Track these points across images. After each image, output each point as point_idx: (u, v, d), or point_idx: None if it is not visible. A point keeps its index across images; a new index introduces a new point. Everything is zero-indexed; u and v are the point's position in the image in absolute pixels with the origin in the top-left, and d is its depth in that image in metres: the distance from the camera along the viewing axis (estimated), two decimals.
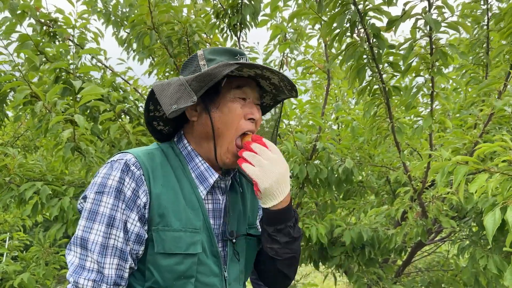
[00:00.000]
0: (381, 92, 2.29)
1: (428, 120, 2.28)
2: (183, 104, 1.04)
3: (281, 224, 1.12)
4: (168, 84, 1.08)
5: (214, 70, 1.02)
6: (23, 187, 2.34)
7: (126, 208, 1.00)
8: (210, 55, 1.14)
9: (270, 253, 1.16)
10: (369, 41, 2.05)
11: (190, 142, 1.16)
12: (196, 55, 1.15)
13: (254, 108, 1.14)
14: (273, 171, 1.06)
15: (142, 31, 2.49)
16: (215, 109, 1.10)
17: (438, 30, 1.92)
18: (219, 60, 1.11)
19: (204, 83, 1.04)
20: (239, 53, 1.15)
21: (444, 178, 1.61)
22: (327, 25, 2.04)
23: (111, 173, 1.02)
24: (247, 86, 1.13)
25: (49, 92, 2.08)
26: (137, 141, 2.49)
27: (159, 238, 1.02)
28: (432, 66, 2.14)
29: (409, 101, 2.31)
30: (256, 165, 1.06)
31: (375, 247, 2.88)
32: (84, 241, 0.98)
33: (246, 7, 2.77)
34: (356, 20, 1.98)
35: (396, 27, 1.96)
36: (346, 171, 2.80)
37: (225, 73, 1.02)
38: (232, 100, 1.10)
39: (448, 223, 2.36)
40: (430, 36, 2.06)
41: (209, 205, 1.14)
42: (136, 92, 2.95)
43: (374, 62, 2.13)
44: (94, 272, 0.97)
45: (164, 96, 1.07)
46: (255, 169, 1.06)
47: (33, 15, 2.50)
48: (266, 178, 1.05)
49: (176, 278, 1.03)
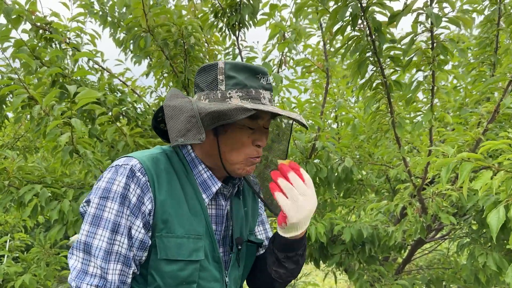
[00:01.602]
0: (382, 86, 2.29)
1: (428, 114, 2.27)
2: (190, 140, 1.02)
3: (292, 252, 1.14)
4: (180, 111, 1.05)
5: (229, 112, 1.01)
6: (23, 190, 2.34)
7: (131, 215, 1.00)
8: (230, 71, 1.09)
9: (273, 275, 1.18)
10: (370, 35, 2.04)
11: (195, 149, 1.15)
12: (216, 65, 1.11)
13: (263, 136, 1.13)
14: (305, 209, 1.04)
15: (137, 34, 2.48)
16: (223, 133, 1.09)
17: (439, 24, 1.91)
18: (238, 79, 1.08)
19: (217, 120, 1.03)
20: (261, 72, 1.12)
21: (449, 175, 1.61)
22: (330, 18, 2.04)
23: (116, 178, 1.01)
24: (260, 118, 1.11)
25: (46, 97, 2.08)
26: (134, 143, 2.49)
27: (163, 244, 1.02)
28: (433, 60, 2.13)
29: (409, 96, 2.31)
30: (290, 199, 1.04)
31: (375, 245, 2.88)
32: (88, 246, 0.98)
33: (245, 6, 2.75)
34: (357, 14, 1.98)
35: (397, 21, 1.96)
36: (346, 170, 2.80)
37: (240, 118, 1.01)
38: (241, 128, 1.09)
39: (447, 219, 2.35)
40: (431, 31, 2.05)
41: (212, 210, 1.14)
42: (134, 94, 2.95)
43: (375, 56, 2.12)
44: (97, 278, 0.97)
45: (173, 123, 1.05)
46: (288, 203, 1.04)
47: (29, 19, 2.49)
48: (297, 214, 1.04)
49: (178, 283, 1.03)
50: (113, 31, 3.18)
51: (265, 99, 1.09)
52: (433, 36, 2.08)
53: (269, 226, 1.39)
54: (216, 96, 1.08)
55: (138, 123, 2.70)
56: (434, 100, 2.32)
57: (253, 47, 3.05)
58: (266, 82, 1.11)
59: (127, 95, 2.88)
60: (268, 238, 1.36)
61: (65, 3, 2.87)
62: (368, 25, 2.01)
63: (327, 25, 2.19)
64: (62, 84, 2.53)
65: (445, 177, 1.61)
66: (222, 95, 1.07)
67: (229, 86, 1.07)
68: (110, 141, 2.37)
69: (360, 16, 1.99)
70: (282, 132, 1.32)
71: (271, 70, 3.08)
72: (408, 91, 2.27)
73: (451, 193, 2.28)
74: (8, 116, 3.34)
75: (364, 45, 2.10)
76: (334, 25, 2.05)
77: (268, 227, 1.38)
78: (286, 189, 1.04)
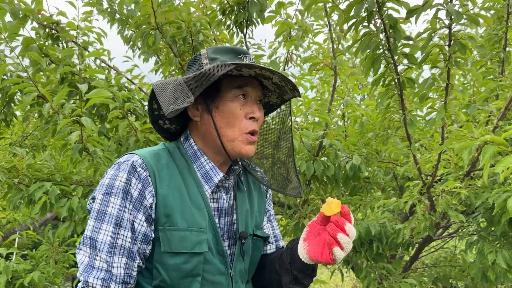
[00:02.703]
0: (395, 83, 2.28)
1: (442, 112, 2.26)
2: (180, 104, 1.04)
3: (311, 270, 1.15)
4: (167, 84, 1.09)
5: (210, 70, 1.03)
6: (32, 187, 2.35)
7: (133, 209, 1.02)
8: (213, 54, 1.14)
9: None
10: (385, 31, 2.04)
11: (197, 141, 1.17)
12: (200, 54, 1.16)
13: (255, 106, 1.14)
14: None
15: (146, 32, 2.49)
16: (216, 108, 1.11)
17: (459, 20, 1.90)
18: (221, 59, 1.12)
19: (201, 82, 1.05)
20: (242, 52, 1.15)
21: (471, 157, 1.60)
22: (345, 13, 2.03)
23: (118, 174, 1.04)
24: (248, 86, 1.13)
25: (56, 95, 2.09)
26: (145, 138, 2.49)
27: (166, 237, 1.04)
28: (450, 57, 2.12)
29: (423, 92, 2.30)
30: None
31: (383, 242, 2.87)
32: (93, 241, 1.01)
33: (253, 4, 2.75)
34: (373, 10, 1.97)
35: (417, 16, 1.95)
36: (354, 167, 2.79)
37: (222, 73, 1.02)
38: (231, 100, 1.11)
39: (456, 217, 2.35)
40: (450, 27, 2.04)
41: (214, 204, 1.15)
42: (141, 92, 2.95)
43: (389, 53, 2.12)
44: (103, 271, 1.00)
45: (163, 96, 1.08)
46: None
47: (35, 18, 2.50)
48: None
49: (183, 276, 1.05)
50: (121, 28, 3.19)
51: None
52: (451, 33, 2.06)
53: (277, 224, 1.40)
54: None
55: (146, 120, 2.71)
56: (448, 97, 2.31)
57: (261, 45, 3.05)
58: (249, 61, 1.13)
59: (134, 92, 2.89)
60: (275, 235, 1.36)
61: (71, 2, 2.88)
62: (383, 21, 2.00)
63: (338, 21, 2.18)
64: (70, 82, 2.54)
65: (467, 159, 1.61)
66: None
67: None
68: (121, 136, 2.38)
69: (376, 12, 1.98)
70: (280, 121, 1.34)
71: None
72: (423, 88, 2.26)
73: (460, 191, 2.28)
74: (16, 115, 3.36)
75: (378, 42, 2.08)
76: (347, 21, 2.04)
77: (275, 224, 1.39)
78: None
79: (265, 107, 1.30)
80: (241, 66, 1.06)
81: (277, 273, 1.21)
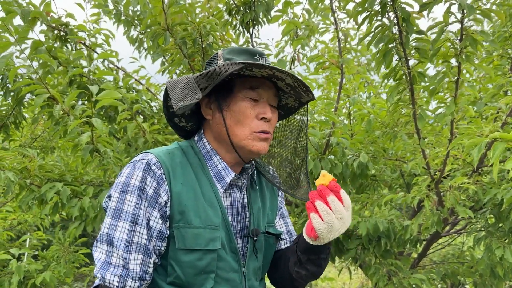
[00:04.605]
0: (405, 77, 2.29)
1: (451, 106, 2.27)
2: (189, 100, 1.06)
3: (315, 256, 1.13)
4: (178, 81, 1.11)
5: (219, 68, 1.04)
6: (44, 188, 2.38)
7: (148, 206, 1.04)
8: (229, 54, 1.15)
9: (294, 275, 1.18)
10: (398, 25, 2.05)
11: (210, 140, 1.18)
12: (216, 55, 1.17)
13: (267, 107, 1.14)
14: (339, 231, 1.04)
15: (157, 32, 2.52)
16: (227, 107, 1.13)
17: (471, 14, 1.90)
18: (236, 59, 1.12)
19: (211, 80, 1.06)
20: (258, 53, 1.16)
21: (480, 154, 1.61)
22: (359, 5, 2.05)
23: (133, 173, 1.06)
24: (261, 87, 1.14)
25: (68, 97, 2.12)
26: (153, 139, 2.52)
27: (180, 234, 1.06)
28: (460, 52, 2.13)
29: (433, 86, 2.31)
30: (326, 223, 1.02)
31: (391, 239, 2.88)
32: (110, 238, 1.03)
33: (259, 4, 2.77)
34: (387, 2, 1.98)
35: (429, 9, 1.96)
36: (361, 165, 2.80)
37: (230, 71, 1.03)
38: (242, 99, 1.12)
39: (464, 212, 2.36)
40: (462, 22, 2.04)
41: (227, 202, 1.17)
42: (149, 92, 2.98)
43: (401, 47, 2.13)
44: (120, 268, 1.01)
45: (173, 93, 1.10)
46: (324, 227, 1.02)
47: (44, 20, 2.53)
48: (329, 235, 1.04)
49: (197, 273, 1.06)
50: (127, 29, 3.22)
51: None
52: (462, 27, 2.06)
53: (290, 220, 1.42)
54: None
55: (154, 121, 2.74)
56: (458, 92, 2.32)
57: (268, 44, 3.07)
58: (265, 63, 1.13)
59: (142, 93, 2.91)
60: (288, 232, 1.38)
61: (80, 4, 2.91)
62: (397, 14, 2.01)
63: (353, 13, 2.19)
64: (79, 83, 2.57)
65: (476, 156, 1.61)
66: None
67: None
68: (130, 137, 2.41)
69: (390, 4, 1.99)
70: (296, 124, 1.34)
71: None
72: (433, 81, 2.27)
73: (468, 187, 2.29)
74: (25, 117, 3.40)
75: (391, 35, 2.09)
76: (361, 13, 2.06)
77: (288, 220, 1.40)
78: (323, 214, 1.02)
79: (284, 109, 1.31)
80: (251, 65, 1.07)
81: (288, 266, 1.22)
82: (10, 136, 3.37)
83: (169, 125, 1.28)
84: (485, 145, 1.58)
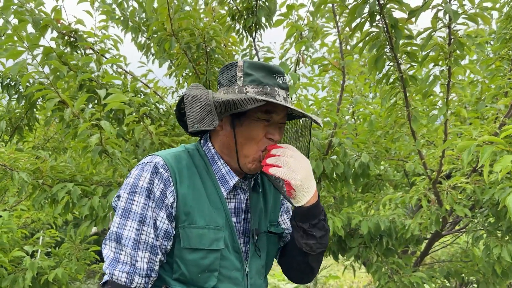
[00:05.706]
0: (398, 81, 2.35)
1: (443, 108, 2.32)
2: (204, 126, 1.11)
3: (315, 219, 1.18)
4: (198, 99, 1.14)
5: (241, 101, 1.09)
6: (55, 188, 2.48)
7: (155, 207, 1.10)
8: (248, 69, 1.18)
9: (305, 249, 1.21)
10: (387, 31, 2.11)
11: (215, 146, 1.23)
12: (236, 64, 1.20)
13: (277, 130, 1.20)
14: (300, 167, 1.12)
15: (163, 38, 2.60)
16: (240, 125, 1.16)
17: (457, 20, 1.97)
18: (255, 76, 1.16)
19: (229, 109, 1.11)
20: (278, 72, 1.19)
21: (470, 157, 1.66)
22: (349, 14, 2.11)
23: (142, 175, 1.12)
24: (275, 112, 1.18)
25: (77, 101, 2.21)
26: (159, 141, 2.60)
27: (185, 234, 1.11)
28: (450, 56, 2.18)
29: (425, 90, 2.36)
30: (283, 166, 1.12)
31: (392, 237, 2.92)
32: (119, 237, 1.09)
33: (261, 9, 2.84)
34: (374, 10, 2.05)
35: (416, 16, 2.01)
36: (363, 165, 2.85)
37: (250, 107, 1.08)
38: (256, 120, 1.16)
39: (462, 211, 2.39)
40: (449, 26, 2.10)
41: (231, 203, 1.22)
42: (156, 95, 3.06)
43: (392, 52, 2.19)
44: (127, 265, 1.08)
45: (190, 111, 1.14)
46: (284, 170, 1.12)
47: (55, 27, 2.62)
48: (296, 174, 1.12)
49: (201, 271, 1.12)
50: (135, 35, 3.31)
51: (279, 96, 1.17)
52: (450, 32, 2.12)
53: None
54: (233, 91, 1.17)
55: (161, 124, 2.82)
56: (451, 94, 2.36)
57: (270, 48, 3.13)
58: (282, 81, 1.19)
59: (149, 96, 3.00)
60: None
61: (88, 11, 3.01)
62: (385, 21, 2.07)
63: (346, 20, 2.25)
64: (89, 88, 2.66)
65: (466, 159, 1.65)
66: (239, 90, 1.16)
67: (246, 83, 1.16)
68: (137, 139, 2.50)
69: (378, 12, 2.05)
70: (301, 132, 1.40)
71: (288, 69, 3.15)
72: (425, 85, 2.32)
73: (466, 186, 2.32)
74: (37, 119, 3.52)
75: (382, 41, 2.15)
76: (353, 21, 2.12)
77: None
78: (274, 161, 1.12)
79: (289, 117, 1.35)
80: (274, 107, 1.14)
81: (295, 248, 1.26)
82: (24, 137, 3.50)
83: (179, 124, 1.34)
84: (474, 148, 1.62)
